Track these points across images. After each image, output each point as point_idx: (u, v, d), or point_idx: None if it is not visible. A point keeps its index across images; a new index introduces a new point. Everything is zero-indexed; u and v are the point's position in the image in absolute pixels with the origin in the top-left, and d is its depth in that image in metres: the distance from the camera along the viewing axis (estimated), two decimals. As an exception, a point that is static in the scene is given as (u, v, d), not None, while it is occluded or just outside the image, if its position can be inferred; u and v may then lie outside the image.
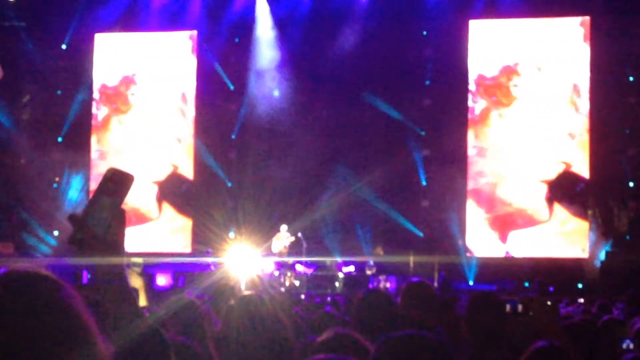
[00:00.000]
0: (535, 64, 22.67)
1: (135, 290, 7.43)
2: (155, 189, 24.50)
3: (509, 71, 22.93)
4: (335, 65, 23.07)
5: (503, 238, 22.49)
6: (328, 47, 23.27)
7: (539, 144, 22.38)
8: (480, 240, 22.64)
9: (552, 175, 22.33)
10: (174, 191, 24.54)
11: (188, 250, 23.94)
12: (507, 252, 22.40)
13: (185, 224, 24.44)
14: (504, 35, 23.06)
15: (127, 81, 25.07)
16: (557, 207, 22.18)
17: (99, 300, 2.32)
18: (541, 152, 22.36)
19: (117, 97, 25.08)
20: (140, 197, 24.12)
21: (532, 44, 22.70)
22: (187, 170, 24.60)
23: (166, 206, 24.51)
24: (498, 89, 23.00)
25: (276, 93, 24.07)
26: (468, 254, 22.44)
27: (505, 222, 22.54)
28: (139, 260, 20.54)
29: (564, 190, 22.13)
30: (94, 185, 24.64)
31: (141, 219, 24.22)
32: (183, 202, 24.52)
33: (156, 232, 24.38)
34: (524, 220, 22.38)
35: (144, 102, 24.84)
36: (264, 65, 24.28)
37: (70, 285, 1.78)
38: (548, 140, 22.31)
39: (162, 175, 24.56)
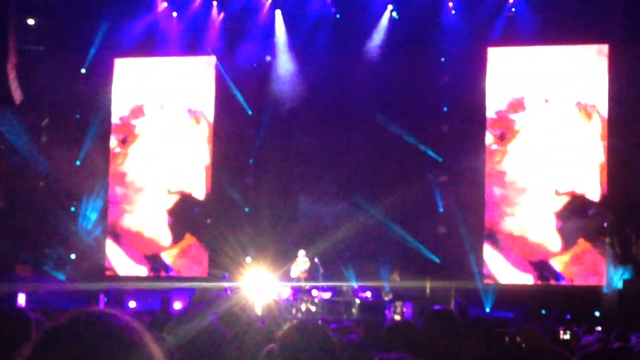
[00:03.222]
0: (553, 91, 22.65)
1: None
2: (168, 215, 24.57)
3: (524, 100, 22.94)
4: (353, 91, 23.12)
5: (519, 264, 22.40)
6: (347, 73, 23.33)
7: (556, 169, 22.32)
8: (497, 267, 22.55)
9: (565, 199, 22.27)
10: (189, 216, 24.55)
11: (205, 274, 23.93)
12: (524, 279, 22.33)
13: (201, 248, 24.45)
14: (522, 63, 23.06)
15: (146, 106, 25.17)
16: (572, 232, 22.09)
17: None
18: (557, 178, 22.31)
19: (135, 122, 25.18)
20: (155, 223, 24.27)
21: (550, 72, 22.69)
22: (204, 195, 24.61)
23: (181, 231, 24.53)
24: (514, 116, 22.99)
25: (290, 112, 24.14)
26: (485, 281, 22.36)
27: (522, 248, 22.46)
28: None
29: (577, 214, 22.01)
30: (112, 210, 24.72)
31: (155, 246, 24.36)
32: (199, 227, 24.53)
33: (173, 256, 24.44)
34: (540, 246, 22.33)
35: (163, 127, 24.91)
36: (281, 91, 24.35)
37: (133, 321, 1.81)
38: (565, 166, 22.26)
39: (178, 200, 24.60)
